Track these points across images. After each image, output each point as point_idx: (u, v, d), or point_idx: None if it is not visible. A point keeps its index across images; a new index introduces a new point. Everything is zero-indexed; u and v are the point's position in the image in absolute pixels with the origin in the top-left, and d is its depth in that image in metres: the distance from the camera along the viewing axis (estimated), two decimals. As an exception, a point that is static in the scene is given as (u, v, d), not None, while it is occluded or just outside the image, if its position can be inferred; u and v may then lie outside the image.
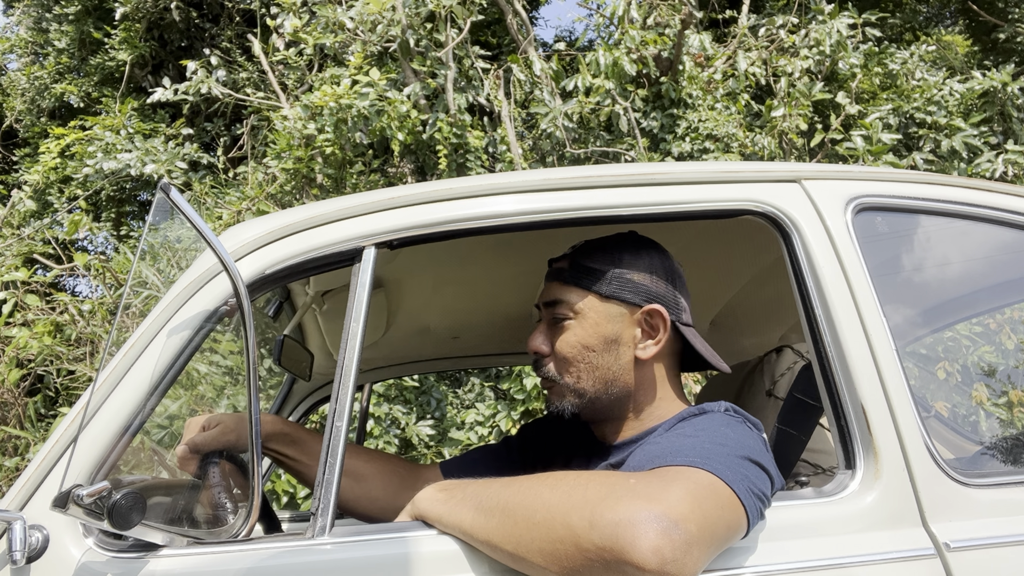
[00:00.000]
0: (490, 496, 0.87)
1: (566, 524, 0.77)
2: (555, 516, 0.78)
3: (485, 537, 0.85)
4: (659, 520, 0.74)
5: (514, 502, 0.84)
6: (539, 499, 0.82)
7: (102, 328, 4.66)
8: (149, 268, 4.49)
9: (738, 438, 0.93)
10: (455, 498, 0.91)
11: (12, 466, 4.06)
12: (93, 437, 0.93)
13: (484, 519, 0.85)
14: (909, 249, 1.32)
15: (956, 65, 7.12)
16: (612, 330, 1.13)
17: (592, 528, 0.75)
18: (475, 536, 0.86)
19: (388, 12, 5.42)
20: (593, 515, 0.76)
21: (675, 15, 5.81)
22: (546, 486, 0.83)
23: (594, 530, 0.75)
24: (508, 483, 0.88)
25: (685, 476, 0.82)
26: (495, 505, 0.85)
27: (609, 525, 0.74)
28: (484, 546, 0.86)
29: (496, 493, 0.87)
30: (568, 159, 5.63)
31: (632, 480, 0.81)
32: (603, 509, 0.76)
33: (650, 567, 0.72)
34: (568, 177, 1.15)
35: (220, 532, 0.93)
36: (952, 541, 0.94)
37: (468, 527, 0.87)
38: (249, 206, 5.56)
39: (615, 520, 0.74)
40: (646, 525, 0.73)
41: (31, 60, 8.44)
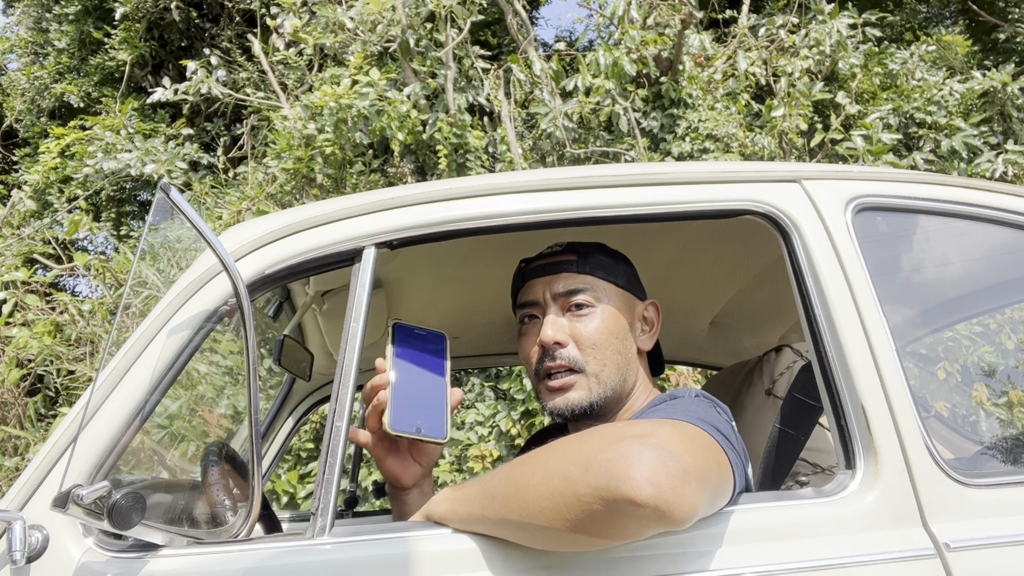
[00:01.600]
0: (495, 476, 0.89)
1: (563, 475, 0.77)
2: (552, 471, 0.79)
3: (494, 515, 0.85)
4: (653, 450, 0.73)
5: (515, 472, 0.85)
6: (537, 462, 0.83)
7: (102, 328, 4.66)
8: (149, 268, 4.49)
9: (711, 418, 0.94)
10: (464, 489, 0.93)
11: (12, 466, 4.06)
12: (93, 437, 0.93)
13: (491, 498, 0.86)
14: (909, 249, 1.32)
15: (956, 65, 7.12)
16: (627, 320, 1.18)
17: (587, 471, 0.74)
18: (487, 517, 0.86)
19: (388, 12, 5.42)
20: (588, 460, 0.75)
21: (675, 15, 5.81)
22: (544, 451, 0.85)
23: (589, 472, 0.74)
24: (508, 465, 0.89)
25: (672, 424, 0.83)
26: (500, 481, 0.86)
27: (603, 463, 0.74)
28: (496, 526, 0.86)
29: (500, 472, 0.89)
30: (568, 159, 5.63)
31: (624, 428, 0.81)
32: (596, 452, 0.76)
33: (646, 496, 0.70)
34: (568, 177, 1.15)
35: (220, 532, 0.93)
36: (952, 541, 0.94)
37: (479, 515, 0.87)
38: (249, 206, 5.56)
39: (608, 457, 0.74)
40: (639, 455, 0.73)
41: (31, 60, 8.44)
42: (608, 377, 1.13)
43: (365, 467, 4.61)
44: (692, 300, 1.94)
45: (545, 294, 1.16)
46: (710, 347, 2.21)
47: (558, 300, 1.15)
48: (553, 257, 1.19)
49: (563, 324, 1.14)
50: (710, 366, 2.44)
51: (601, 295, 1.15)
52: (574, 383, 1.12)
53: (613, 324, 1.14)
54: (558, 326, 1.13)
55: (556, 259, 1.19)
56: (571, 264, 1.17)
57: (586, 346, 1.12)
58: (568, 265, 1.17)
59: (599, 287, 1.16)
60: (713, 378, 1.97)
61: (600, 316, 1.14)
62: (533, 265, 1.21)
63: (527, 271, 1.22)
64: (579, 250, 1.19)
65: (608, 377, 1.13)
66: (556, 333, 1.12)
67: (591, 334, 1.12)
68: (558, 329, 1.13)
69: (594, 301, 1.14)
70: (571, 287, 1.14)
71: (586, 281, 1.15)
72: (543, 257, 1.21)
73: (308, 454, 4.74)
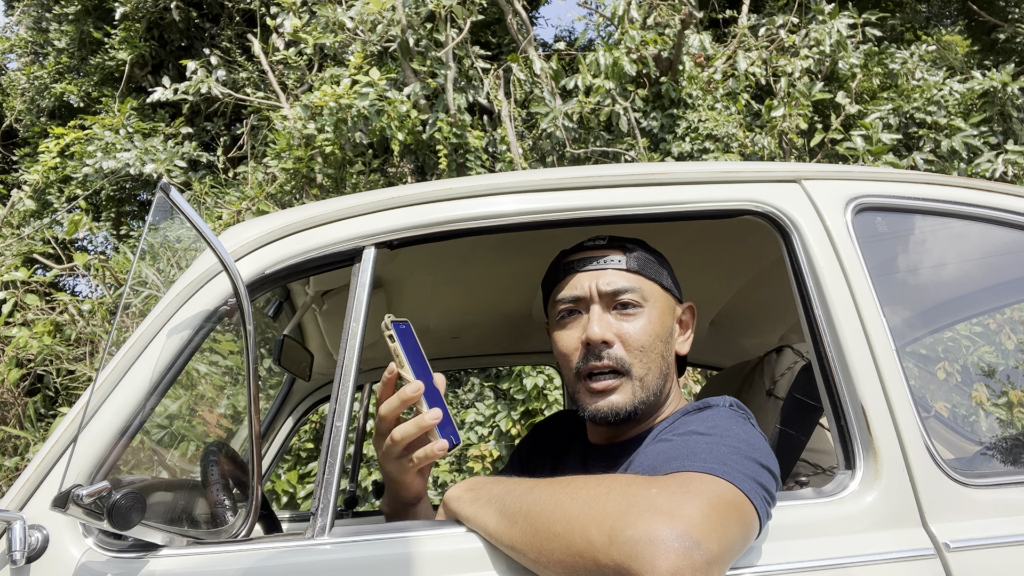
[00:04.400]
0: (513, 501, 0.87)
1: (585, 538, 0.75)
2: (575, 528, 0.77)
3: (509, 542, 0.85)
4: (680, 539, 0.71)
5: (535, 511, 0.82)
6: (560, 509, 0.80)
7: (102, 328, 4.66)
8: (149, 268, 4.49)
9: (749, 439, 0.91)
10: (481, 499, 0.91)
11: (12, 466, 4.06)
12: (93, 437, 0.93)
13: (507, 525, 0.85)
14: (909, 249, 1.32)
15: (956, 65, 7.12)
16: (669, 322, 1.14)
17: (611, 544, 0.73)
18: (499, 540, 0.86)
19: (388, 12, 5.41)
20: (613, 530, 0.74)
21: (675, 15, 5.81)
22: (567, 495, 0.82)
23: (613, 546, 0.73)
24: (531, 488, 0.87)
25: (707, 488, 0.80)
26: (517, 511, 0.84)
27: (628, 542, 0.72)
28: (508, 550, 0.86)
29: (519, 499, 0.86)
30: (568, 159, 5.63)
31: (654, 489, 0.78)
32: (623, 524, 0.74)
33: None
34: (568, 177, 1.15)
35: (220, 532, 0.93)
36: (952, 541, 0.94)
37: (493, 530, 0.87)
38: (249, 206, 5.56)
39: (635, 537, 0.72)
40: (667, 544, 0.71)
41: (31, 60, 8.44)
42: (651, 381, 1.08)
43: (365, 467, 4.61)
44: (692, 300, 1.94)
45: (592, 289, 1.09)
46: (710, 347, 2.21)
47: (604, 297, 1.09)
48: (599, 251, 1.13)
49: (610, 322, 1.08)
50: (710, 366, 2.44)
51: (648, 295, 1.10)
52: (618, 386, 1.07)
53: (659, 326, 1.10)
54: (605, 323, 1.07)
55: (602, 253, 1.12)
56: (618, 260, 1.11)
57: (633, 348, 1.07)
58: (615, 261, 1.11)
59: (645, 287, 1.10)
60: (713, 378, 1.97)
61: (647, 317, 1.09)
62: (576, 257, 1.14)
63: (569, 263, 1.15)
64: (625, 246, 1.13)
65: (651, 381, 1.08)
66: (604, 331, 1.06)
67: (639, 335, 1.07)
68: (606, 327, 1.07)
69: (641, 301, 1.09)
70: (619, 285, 1.09)
71: (633, 280, 1.10)
72: (587, 249, 1.15)
73: (308, 454, 4.75)
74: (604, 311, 1.09)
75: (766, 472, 0.88)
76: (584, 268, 1.12)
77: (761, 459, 0.88)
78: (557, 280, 1.16)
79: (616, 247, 1.13)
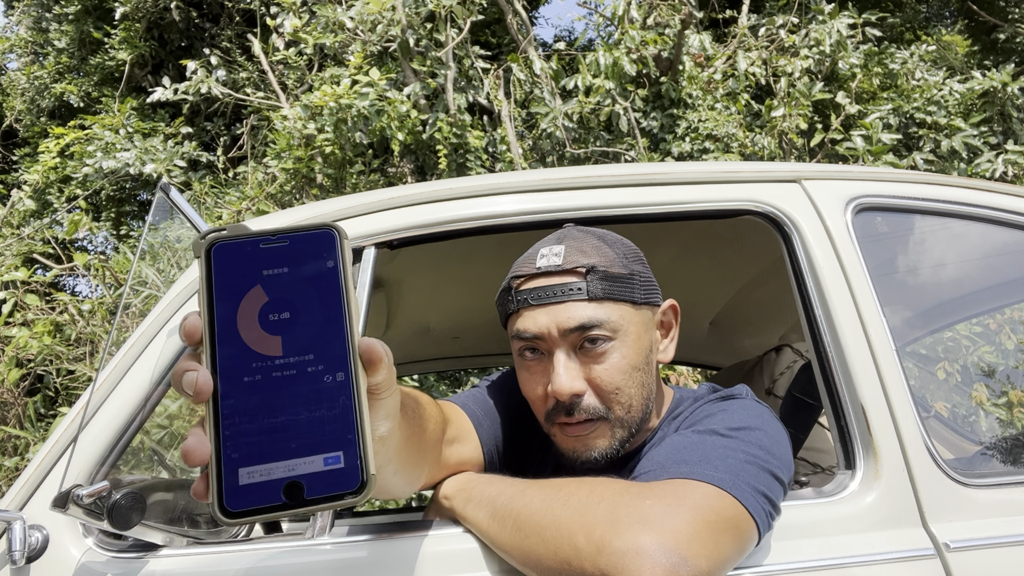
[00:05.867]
0: (505, 503, 0.85)
1: (573, 545, 0.74)
2: (563, 535, 0.76)
3: (499, 544, 0.84)
4: (668, 554, 0.70)
5: (525, 515, 0.81)
6: (550, 514, 0.79)
7: (102, 328, 4.66)
8: (149, 268, 4.49)
9: (770, 446, 0.87)
10: (473, 500, 0.91)
11: (12, 466, 4.06)
12: (93, 437, 0.93)
13: (498, 526, 0.84)
14: (909, 249, 1.32)
15: (956, 65, 7.12)
16: (647, 340, 1.00)
17: (599, 554, 0.72)
18: (490, 540, 0.86)
19: (388, 12, 5.41)
20: (601, 540, 0.73)
21: (675, 15, 5.81)
22: (559, 501, 0.79)
23: (600, 556, 0.72)
24: (523, 490, 0.85)
25: (705, 502, 0.77)
26: (508, 514, 0.83)
27: (616, 553, 0.71)
28: (498, 550, 0.86)
29: (510, 501, 0.84)
30: (568, 159, 5.63)
31: (648, 501, 0.75)
32: (612, 535, 0.72)
33: None
34: (568, 177, 1.15)
35: (220, 532, 0.93)
36: (952, 541, 0.94)
37: (484, 531, 0.87)
38: (249, 206, 5.56)
39: (622, 549, 0.71)
40: (653, 559, 0.69)
41: (31, 60, 8.43)
42: (633, 417, 0.98)
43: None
44: (692, 300, 1.94)
45: (551, 330, 0.94)
46: (710, 347, 2.21)
47: (568, 336, 0.94)
48: (554, 277, 0.96)
49: (576, 368, 0.95)
50: (710, 366, 2.44)
51: (618, 323, 0.95)
52: (595, 430, 0.96)
53: (634, 355, 0.96)
54: (572, 372, 0.94)
55: (559, 282, 0.95)
56: (578, 289, 0.94)
57: (607, 391, 0.95)
58: (574, 291, 0.94)
59: (614, 316, 0.95)
60: (713, 378, 1.97)
61: (619, 352, 0.95)
62: (529, 288, 0.97)
63: (521, 296, 0.98)
64: (584, 267, 0.95)
65: (633, 417, 0.98)
66: (572, 382, 0.93)
67: (612, 377, 0.94)
68: (573, 376, 0.94)
69: (611, 334, 0.94)
70: (583, 319, 0.93)
71: (599, 310, 0.94)
72: (540, 276, 0.97)
73: (308, 454, 4.74)
74: (569, 353, 0.95)
75: (777, 484, 0.85)
76: (540, 303, 0.95)
77: (776, 469, 0.85)
78: (510, 311, 1.00)
79: (574, 270, 0.95)
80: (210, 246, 0.50)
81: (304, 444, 0.47)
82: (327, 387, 0.48)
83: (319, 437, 0.47)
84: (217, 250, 0.50)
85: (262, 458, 0.46)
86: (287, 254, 0.50)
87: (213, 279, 0.49)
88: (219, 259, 0.49)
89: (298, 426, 0.47)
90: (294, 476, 0.46)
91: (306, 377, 0.48)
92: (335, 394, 0.48)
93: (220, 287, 0.49)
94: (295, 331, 0.49)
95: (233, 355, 0.48)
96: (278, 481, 0.46)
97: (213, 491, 0.45)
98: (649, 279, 1.03)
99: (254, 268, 0.50)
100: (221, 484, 0.45)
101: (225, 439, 0.46)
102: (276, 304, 0.49)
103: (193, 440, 0.46)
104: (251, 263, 0.50)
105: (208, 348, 0.48)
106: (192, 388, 0.46)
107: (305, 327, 0.49)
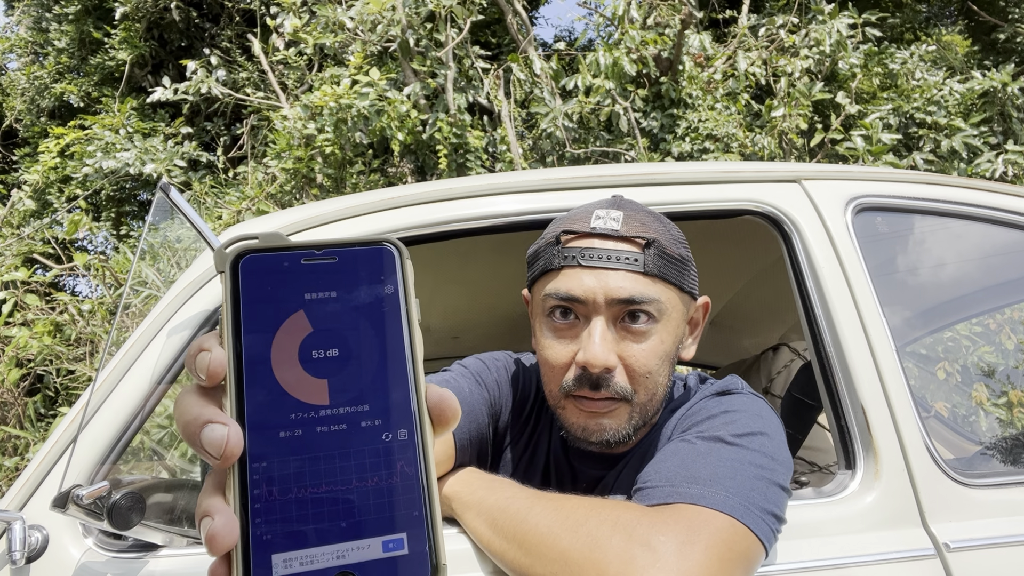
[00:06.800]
0: (507, 520, 0.82)
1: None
2: (572, 571, 0.73)
3: (501, 560, 0.83)
4: None
5: (531, 540, 0.78)
6: (558, 546, 0.76)
7: (102, 328, 4.66)
8: (149, 268, 4.49)
9: (774, 452, 0.85)
10: (472, 509, 0.89)
11: (12, 466, 4.06)
12: (93, 437, 0.93)
13: (500, 542, 0.82)
14: (909, 249, 1.32)
15: (956, 65, 7.12)
16: (682, 331, 0.96)
17: None
18: (490, 552, 0.85)
19: (388, 12, 5.41)
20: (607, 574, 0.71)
21: (675, 15, 5.81)
22: (567, 529, 0.76)
23: None
24: (529, 508, 0.82)
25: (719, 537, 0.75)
26: (511, 533, 0.81)
27: None
28: (498, 562, 0.84)
29: (513, 519, 0.82)
30: (568, 159, 5.63)
31: (661, 537, 0.73)
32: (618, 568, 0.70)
33: None
34: (568, 177, 1.15)
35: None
36: (952, 541, 0.94)
37: (485, 543, 0.85)
38: (249, 206, 5.56)
39: None
40: None
41: (31, 60, 8.44)
42: (654, 406, 0.94)
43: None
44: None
45: (598, 294, 0.89)
46: (710, 347, 2.21)
47: (613, 307, 0.89)
48: (609, 242, 0.90)
49: (612, 340, 0.90)
50: (708, 365, 2.44)
51: (664, 306, 0.90)
52: (614, 410, 0.91)
53: (671, 342, 0.92)
54: (609, 344, 0.89)
55: (615, 247, 0.90)
56: (635, 259, 0.89)
57: (639, 374, 0.90)
58: (630, 260, 0.89)
59: (663, 297, 0.90)
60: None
61: (659, 336, 0.90)
62: (582, 246, 0.91)
63: (570, 252, 0.91)
64: (645, 238, 0.90)
65: (654, 406, 0.94)
66: (608, 355, 0.88)
67: (647, 360, 0.90)
68: (609, 349, 0.89)
69: (656, 314, 0.90)
70: (633, 293, 0.88)
71: (650, 287, 0.89)
72: (596, 237, 0.91)
73: (308, 454, 4.73)
74: (608, 325, 0.90)
75: (784, 495, 0.84)
76: (590, 263, 0.89)
77: (781, 478, 0.84)
78: (551, 267, 0.93)
79: (633, 239, 0.90)
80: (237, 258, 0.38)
81: (357, 523, 0.35)
82: (386, 448, 0.37)
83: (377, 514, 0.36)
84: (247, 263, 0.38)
85: (303, 542, 0.35)
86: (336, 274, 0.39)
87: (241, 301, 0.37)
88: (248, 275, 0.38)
89: (349, 499, 0.36)
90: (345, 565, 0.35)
91: (359, 434, 0.37)
92: (396, 457, 0.37)
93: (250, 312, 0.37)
94: (346, 373, 0.37)
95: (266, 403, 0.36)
96: (324, 572, 0.35)
97: None
98: (694, 269, 0.98)
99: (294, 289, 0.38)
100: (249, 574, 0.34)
101: (255, 514, 0.35)
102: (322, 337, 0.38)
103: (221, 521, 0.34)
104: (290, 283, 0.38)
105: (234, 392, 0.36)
106: (218, 448, 0.34)
107: (359, 369, 0.38)
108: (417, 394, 0.38)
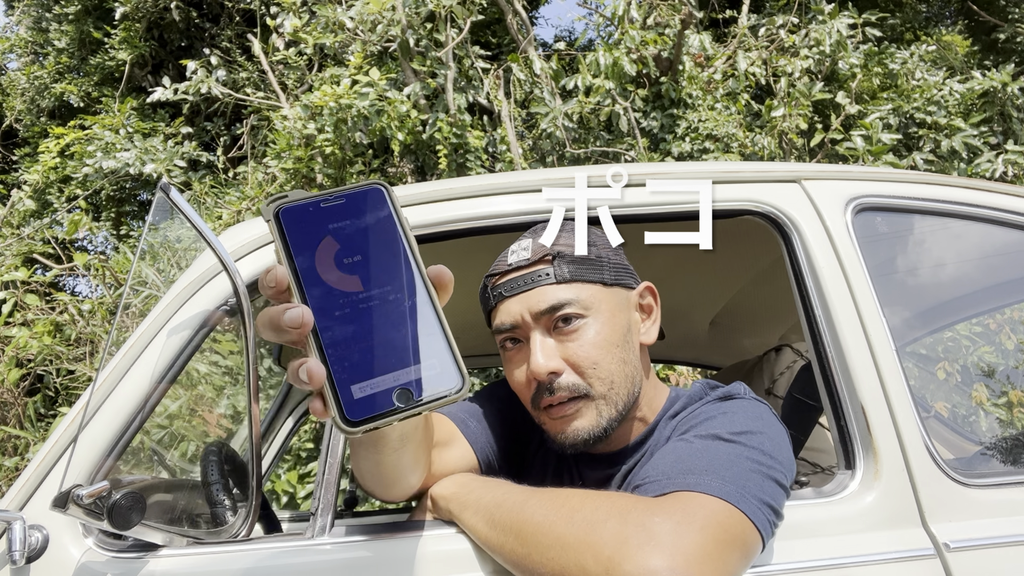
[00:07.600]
0: (504, 516, 0.84)
1: (581, 566, 0.73)
2: (569, 556, 0.75)
3: (499, 554, 0.83)
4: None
5: (528, 530, 0.79)
6: (553, 532, 0.77)
7: (102, 328, 4.66)
8: (149, 268, 4.49)
9: (773, 451, 0.87)
10: (469, 508, 0.89)
11: (12, 466, 4.06)
12: (93, 437, 0.93)
13: (497, 536, 0.83)
14: (909, 249, 1.32)
15: (956, 65, 7.12)
16: (624, 319, 1.02)
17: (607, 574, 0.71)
18: (488, 548, 0.85)
19: (388, 12, 5.41)
20: (610, 562, 0.72)
21: (675, 15, 5.81)
22: (562, 517, 0.78)
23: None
24: (525, 500, 0.83)
25: (714, 519, 0.76)
26: (508, 526, 0.82)
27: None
28: (496, 557, 0.85)
29: (510, 513, 0.83)
30: (568, 159, 5.63)
31: (656, 518, 0.75)
32: (621, 557, 0.71)
33: None
34: (568, 177, 1.15)
35: (220, 532, 0.93)
36: (952, 541, 0.95)
37: (483, 539, 0.86)
38: (249, 206, 5.56)
39: (632, 572, 0.70)
40: None
41: (31, 60, 8.43)
42: (618, 394, 0.98)
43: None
44: (692, 300, 1.94)
45: (524, 314, 0.99)
46: (710, 347, 2.21)
47: (541, 319, 0.98)
48: (522, 269, 1.02)
49: (552, 347, 0.97)
50: (710, 366, 2.44)
51: (589, 302, 0.98)
52: (579, 410, 0.97)
53: (609, 331, 0.99)
54: (548, 351, 0.97)
55: (527, 272, 1.01)
56: (546, 274, 0.99)
57: (585, 367, 0.97)
58: (542, 276, 0.99)
59: (584, 294, 0.98)
60: (713, 378, 1.97)
61: (593, 327, 0.98)
62: (502, 282, 1.03)
63: (495, 289, 1.04)
64: (550, 254, 1.01)
65: (618, 394, 0.98)
66: (548, 360, 0.96)
67: (588, 352, 0.97)
68: (549, 356, 0.97)
69: (583, 311, 0.97)
70: (553, 301, 0.97)
71: (568, 291, 0.98)
72: (510, 271, 1.03)
73: (308, 454, 4.74)
74: (545, 335, 0.98)
75: (781, 491, 0.85)
76: (512, 293, 1.01)
77: (779, 475, 0.85)
78: (489, 308, 1.06)
79: (541, 259, 1.01)
80: (277, 210, 0.56)
81: (402, 357, 0.53)
82: (411, 308, 0.54)
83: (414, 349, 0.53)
84: (284, 212, 0.56)
85: (369, 374, 0.52)
86: (346, 209, 0.57)
87: (288, 237, 0.55)
88: (287, 220, 0.56)
89: (393, 344, 0.53)
90: (402, 384, 0.52)
91: (389, 304, 0.54)
92: (418, 313, 0.54)
93: (295, 242, 0.55)
94: (370, 269, 0.55)
95: (321, 296, 0.54)
96: (388, 390, 0.52)
97: (333, 407, 0.51)
98: (619, 263, 1.05)
99: (321, 223, 0.56)
100: (339, 400, 0.51)
101: (332, 362, 0.52)
102: (347, 250, 0.55)
103: (312, 362, 0.51)
104: (317, 220, 0.56)
105: (298, 293, 0.54)
106: (296, 322, 0.51)
107: (378, 265, 0.55)
108: (421, 273, 0.56)
